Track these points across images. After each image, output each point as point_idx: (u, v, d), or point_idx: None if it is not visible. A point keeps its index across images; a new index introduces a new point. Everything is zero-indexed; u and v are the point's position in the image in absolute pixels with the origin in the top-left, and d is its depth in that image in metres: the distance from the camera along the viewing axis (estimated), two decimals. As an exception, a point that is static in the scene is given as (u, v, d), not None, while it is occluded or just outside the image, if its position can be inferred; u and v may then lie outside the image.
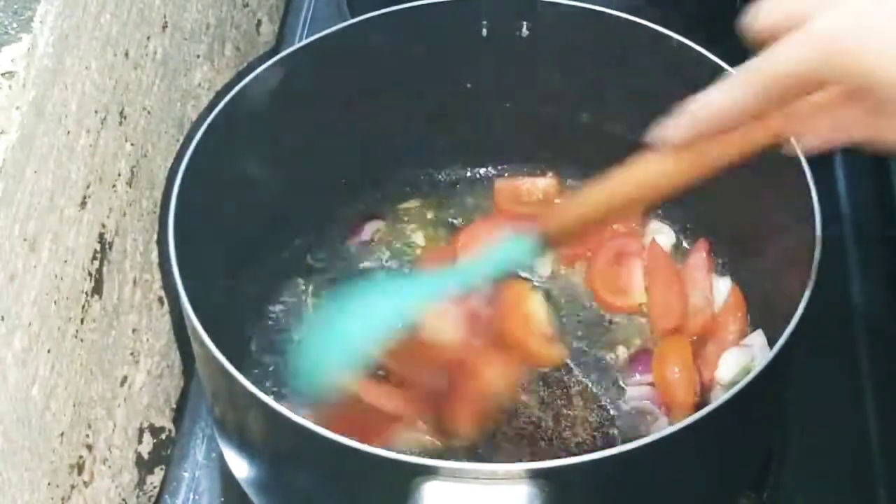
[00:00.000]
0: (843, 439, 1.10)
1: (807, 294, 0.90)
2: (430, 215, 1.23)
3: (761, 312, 1.09)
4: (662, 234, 1.17)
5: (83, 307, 0.96)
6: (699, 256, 1.15)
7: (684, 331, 1.11)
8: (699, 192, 1.14)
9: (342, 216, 1.20)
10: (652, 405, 1.07)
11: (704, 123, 0.80)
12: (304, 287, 1.17)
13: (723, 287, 1.13)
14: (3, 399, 0.83)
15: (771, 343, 0.89)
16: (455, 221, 1.22)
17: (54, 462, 0.91)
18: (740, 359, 1.06)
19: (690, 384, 1.06)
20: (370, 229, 1.21)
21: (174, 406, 1.15)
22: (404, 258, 1.19)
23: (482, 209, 1.22)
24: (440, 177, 1.24)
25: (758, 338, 1.07)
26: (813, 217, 0.95)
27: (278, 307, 1.16)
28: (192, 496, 1.10)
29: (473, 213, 1.22)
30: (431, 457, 1.02)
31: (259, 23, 1.38)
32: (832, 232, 1.20)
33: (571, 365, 1.10)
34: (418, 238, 1.21)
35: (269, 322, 1.15)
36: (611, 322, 1.14)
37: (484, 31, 1.14)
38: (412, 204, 1.23)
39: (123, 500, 1.04)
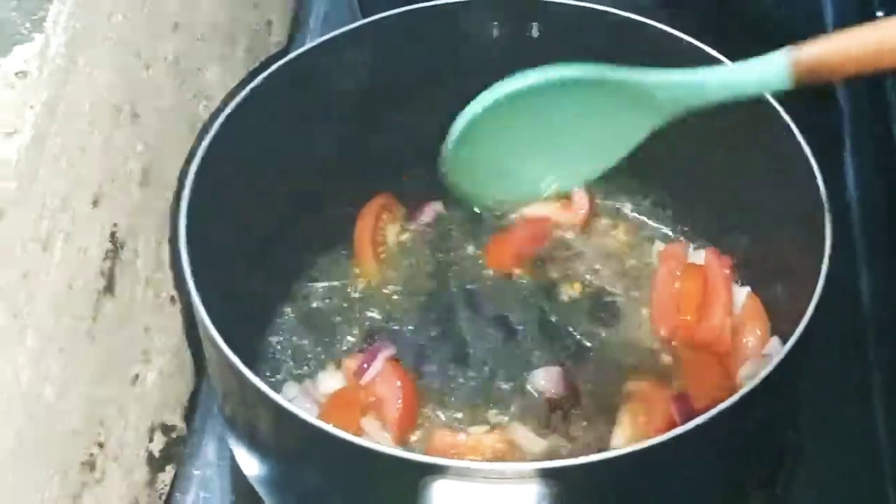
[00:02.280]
0: (854, 437, 1.10)
1: (817, 293, 0.90)
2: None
3: (771, 312, 1.09)
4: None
5: (95, 306, 0.96)
6: (722, 272, 1.13)
7: (709, 346, 1.10)
8: (708, 193, 1.15)
9: (352, 216, 1.21)
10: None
11: None
12: (314, 285, 1.18)
13: (740, 297, 1.12)
14: (15, 397, 0.83)
15: (782, 342, 0.89)
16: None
17: (66, 460, 0.92)
18: (759, 369, 1.05)
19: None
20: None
21: (185, 404, 1.15)
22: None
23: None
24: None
25: (776, 345, 1.06)
26: (822, 215, 0.95)
27: (289, 306, 1.16)
28: (202, 494, 1.10)
29: (482, 213, 1.23)
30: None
31: (270, 23, 1.38)
32: (842, 232, 1.20)
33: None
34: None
35: (280, 321, 1.15)
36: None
37: (494, 32, 1.14)
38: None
39: (135, 497, 1.05)
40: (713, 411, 0.85)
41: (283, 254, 1.16)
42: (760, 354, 1.07)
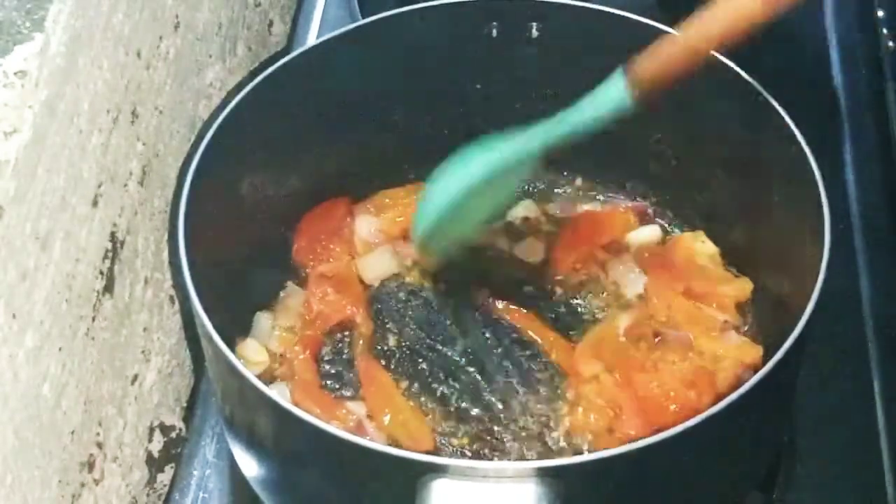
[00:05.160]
0: (853, 438, 1.10)
1: (815, 294, 0.90)
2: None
3: (771, 311, 1.09)
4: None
5: (95, 305, 0.96)
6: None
7: None
8: (710, 193, 1.15)
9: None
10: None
11: None
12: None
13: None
14: (14, 397, 0.83)
15: (780, 343, 0.89)
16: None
17: (65, 460, 0.92)
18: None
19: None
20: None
21: (184, 404, 1.15)
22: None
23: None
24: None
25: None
26: (822, 216, 0.95)
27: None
28: (201, 494, 1.10)
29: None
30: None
31: (271, 23, 1.38)
32: (841, 231, 1.21)
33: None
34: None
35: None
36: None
37: (494, 32, 1.14)
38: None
39: (134, 498, 1.05)
40: (711, 411, 0.85)
41: (283, 253, 1.16)
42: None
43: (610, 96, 0.97)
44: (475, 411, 1.07)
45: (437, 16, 1.13)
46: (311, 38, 1.42)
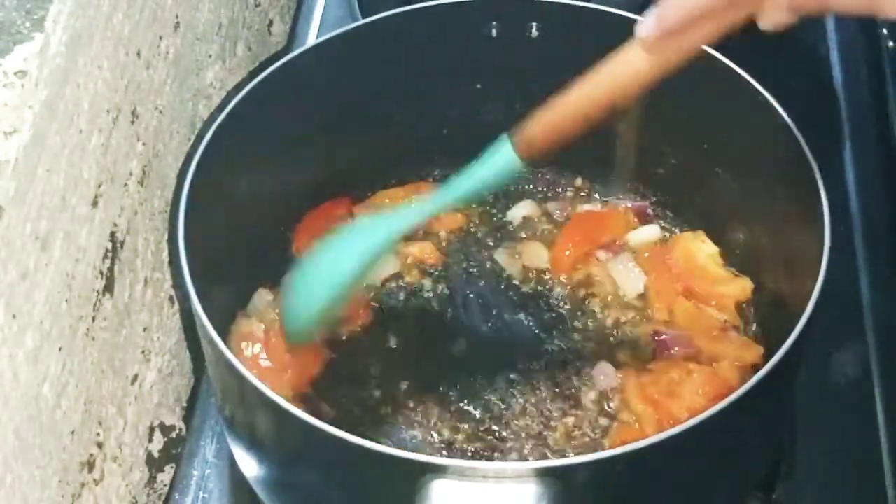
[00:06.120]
0: (853, 438, 1.10)
1: (815, 294, 0.90)
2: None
3: (772, 311, 1.09)
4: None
5: (95, 306, 0.96)
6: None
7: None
8: (710, 193, 1.15)
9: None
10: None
11: (685, 14, 0.83)
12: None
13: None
14: (14, 397, 0.83)
15: (780, 343, 0.89)
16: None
17: (65, 460, 0.92)
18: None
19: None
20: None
21: (184, 404, 1.15)
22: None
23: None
24: (450, 178, 1.24)
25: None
26: (822, 216, 0.95)
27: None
28: (201, 494, 1.10)
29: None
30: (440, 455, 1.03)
31: (271, 23, 1.38)
32: (841, 232, 1.21)
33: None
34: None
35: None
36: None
37: (493, 32, 1.14)
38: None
39: (134, 498, 1.05)
40: (711, 411, 0.85)
41: (283, 254, 1.16)
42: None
43: (499, 161, 0.95)
44: (475, 411, 1.07)
45: (437, 16, 1.13)
46: (311, 38, 1.42)
